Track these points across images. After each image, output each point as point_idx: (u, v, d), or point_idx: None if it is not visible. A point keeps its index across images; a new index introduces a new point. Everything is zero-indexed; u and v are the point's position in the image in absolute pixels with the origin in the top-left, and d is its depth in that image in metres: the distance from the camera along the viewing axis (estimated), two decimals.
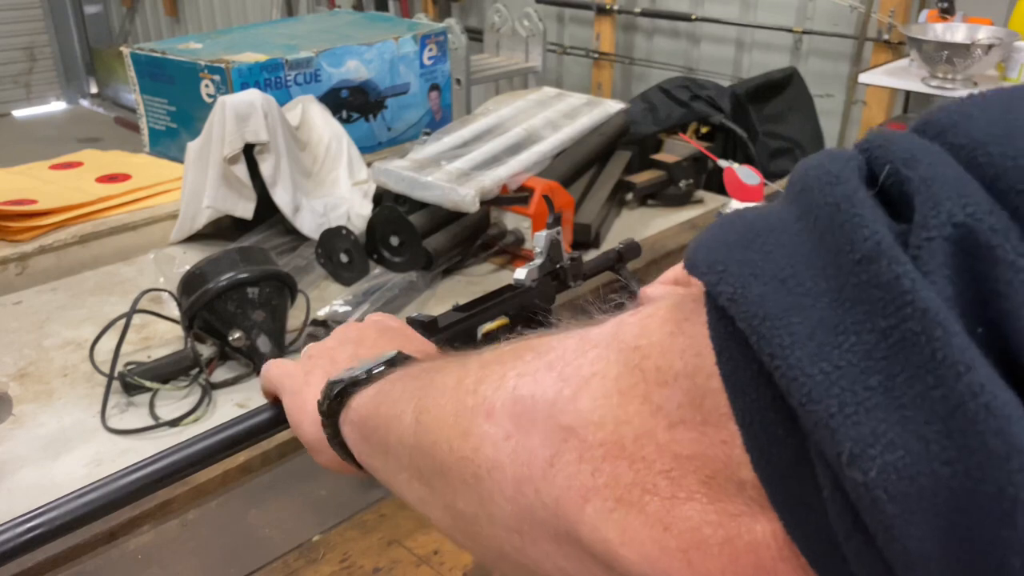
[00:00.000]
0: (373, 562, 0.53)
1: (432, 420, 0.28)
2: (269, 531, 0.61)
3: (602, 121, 1.16)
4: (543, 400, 0.23)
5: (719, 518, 0.19)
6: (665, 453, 0.20)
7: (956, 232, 0.16)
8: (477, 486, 0.25)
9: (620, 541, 0.20)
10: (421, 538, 0.55)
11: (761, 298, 0.18)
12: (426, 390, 0.30)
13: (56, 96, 4.76)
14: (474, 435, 0.25)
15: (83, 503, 0.41)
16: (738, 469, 0.19)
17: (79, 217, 1.05)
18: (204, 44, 1.29)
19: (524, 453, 0.23)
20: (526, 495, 0.23)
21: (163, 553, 0.59)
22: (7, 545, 0.39)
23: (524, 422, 0.23)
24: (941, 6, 1.79)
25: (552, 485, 0.22)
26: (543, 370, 0.24)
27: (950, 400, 0.15)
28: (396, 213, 0.94)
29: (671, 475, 0.20)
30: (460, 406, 0.26)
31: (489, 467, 0.24)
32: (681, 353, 0.20)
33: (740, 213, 0.21)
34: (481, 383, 0.26)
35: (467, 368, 0.28)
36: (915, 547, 0.15)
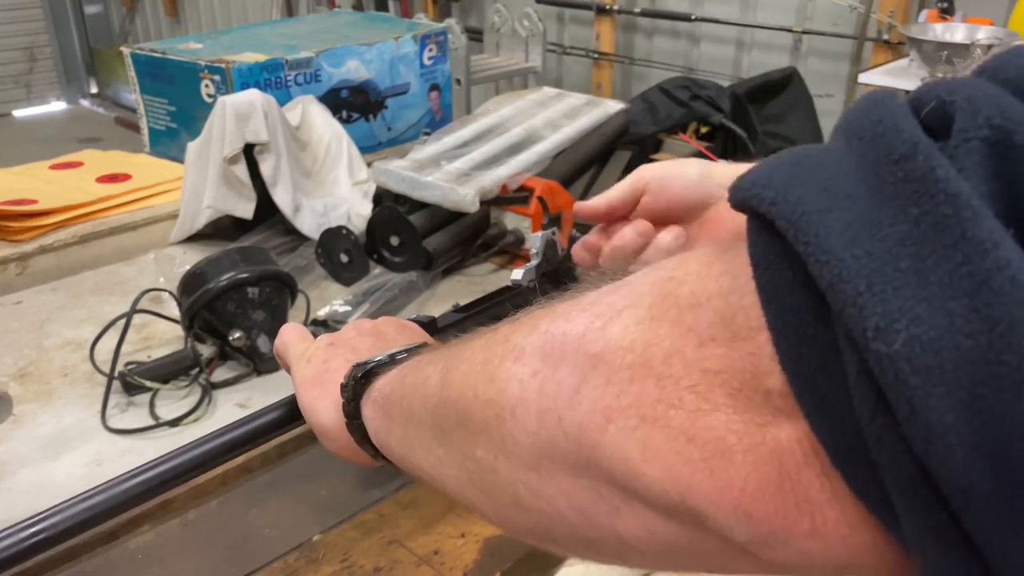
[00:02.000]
0: (373, 562, 0.53)
1: (460, 373, 0.29)
2: (269, 531, 0.61)
3: (602, 121, 1.16)
4: (573, 334, 0.23)
5: (744, 427, 0.19)
6: (693, 369, 0.20)
7: (993, 134, 0.16)
8: (499, 427, 0.25)
9: (642, 457, 0.20)
10: (422, 538, 0.55)
11: (800, 199, 0.18)
12: (456, 352, 0.30)
13: (56, 96, 4.76)
14: (501, 378, 0.25)
15: (86, 507, 0.41)
16: (765, 378, 0.19)
17: (79, 217, 1.05)
18: (204, 44, 1.29)
19: (551, 385, 0.23)
20: (548, 427, 0.23)
21: (163, 553, 0.59)
22: (10, 551, 0.39)
23: (553, 358, 0.23)
24: (941, 6, 1.79)
25: (576, 411, 0.22)
26: (576, 312, 0.24)
27: (976, 276, 0.15)
28: (396, 213, 0.94)
29: (697, 390, 0.20)
30: (489, 355, 0.27)
31: (514, 405, 0.24)
32: (717, 277, 0.20)
33: (788, 149, 0.21)
34: (513, 334, 0.26)
35: (498, 329, 0.28)
36: (936, 419, 0.15)
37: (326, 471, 0.67)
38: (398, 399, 0.35)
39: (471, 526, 0.56)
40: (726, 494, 0.19)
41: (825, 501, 0.18)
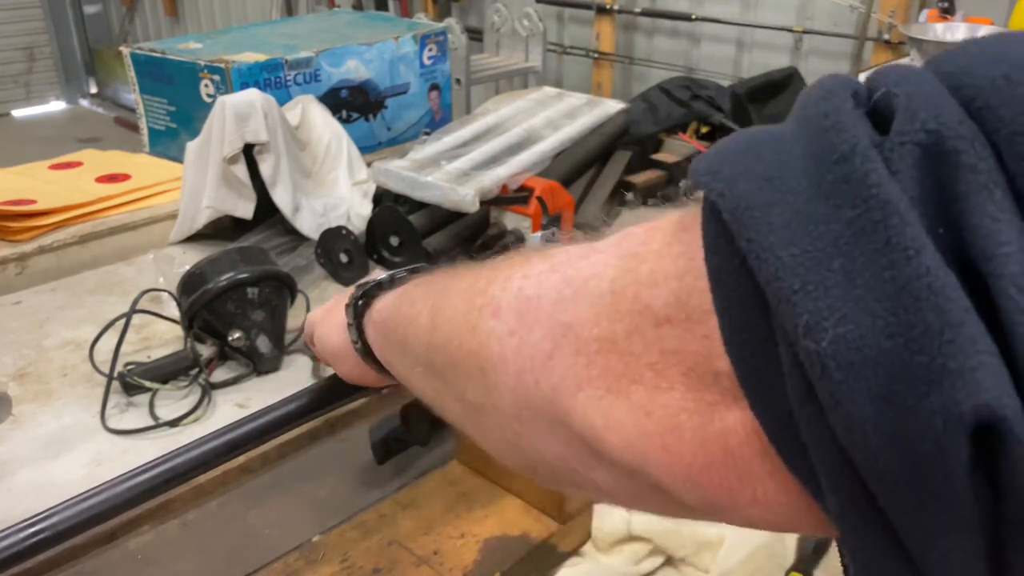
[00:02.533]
0: (373, 562, 0.53)
1: (445, 320, 0.31)
2: (269, 531, 0.61)
3: (602, 121, 1.16)
4: (546, 299, 0.25)
5: (695, 406, 0.21)
6: (652, 348, 0.21)
7: (927, 138, 0.17)
8: (483, 378, 0.27)
9: (605, 426, 0.22)
10: (421, 538, 0.55)
11: (746, 193, 0.19)
12: (442, 292, 0.33)
13: (56, 96, 4.76)
14: (481, 331, 0.27)
15: (87, 507, 0.41)
16: (715, 361, 0.20)
17: (79, 217, 1.05)
18: (204, 44, 1.29)
19: (527, 347, 0.25)
20: (526, 385, 0.25)
21: (163, 553, 0.59)
22: (10, 551, 0.39)
23: (528, 319, 0.25)
24: (941, 6, 1.79)
25: (550, 375, 0.24)
26: (547, 272, 0.25)
27: (898, 281, 0.16)
28: (396, 213, 0.94)
29: (656, 367, 0.21)
30: (470, 305, 0.28)
31: (494, 360, 0.26)
32: (675, 258, 0.22)
33: (744, 130, 0.22)
34: (490, 284, 0.28)
35: (479, 272, 0.30)
36: (856, 411, 0.17)
37: (326, 472, 0.67)
38: (394, 327, 0.37)
39: (470, 527, 0.56)
40: (677, 466, 0.21)
41: (765, 475, 0.20)
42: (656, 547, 0.58)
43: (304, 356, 0.81)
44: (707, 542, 0.58)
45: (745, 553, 0.55)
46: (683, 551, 0.58)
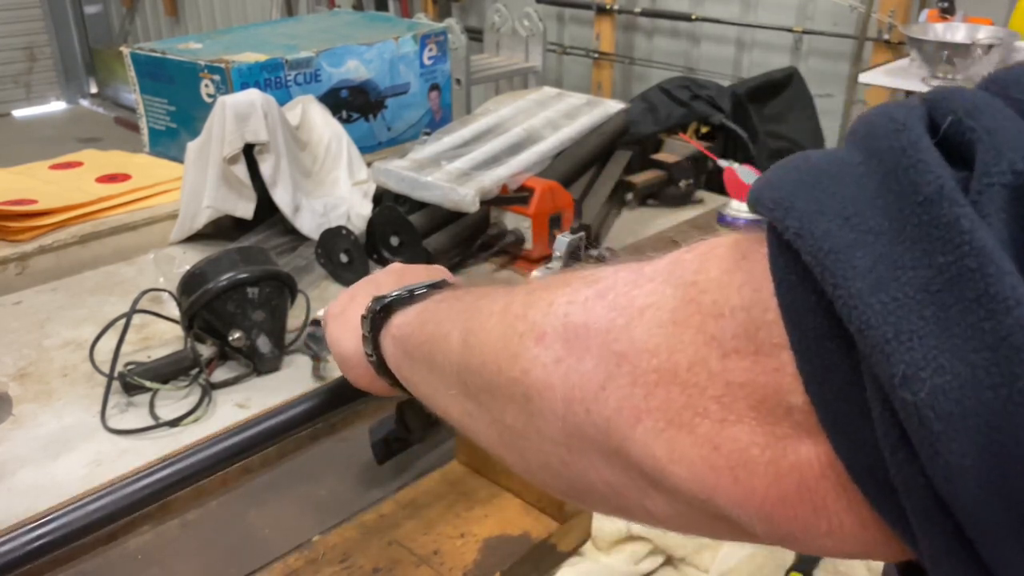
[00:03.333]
0: (373, 562, 0.53)
1: (480, 343, 0.30)
2: (269, 531, 0.61)
3: (602, 121, 1.16)
4: (596, 328, 0.24)
5: (766, 440, 0.20)
6: (717, 380, 0.21)
7: (1015, 180, 0.17)
8: (526, 404, 0.27)
9: (669, 459, 0.22)
10: (421, 538, 0.55)
11: (826, 233, 0.19)
12: (472, 313, 0.32)
13: (56, 96, 4.76)
14: (524, 358, 0.26)
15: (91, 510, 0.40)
16: (787, 395, 0.20)
17: (79, 217, 1.05)
18: (204, 44, 1.29)
19: (576, 375, 0.24)
20: (576, 414, 0.24)
21: (163, 553, 0.59)
22: (13, 554, 0.39)
23: (576, 347, 0.25)
24: (941, 6, 1.79)
25: (604, 406, 0.23)
26: (593, 299, 0.25)
27: (998, 332, 0.16)
28: (396, 213, 0.94)
29: (722, 400, 0.21)
30: (508, 330, 0.28)
31: (540, 388, 0.26)
32: (739, 288, 0.21)
33: (805, 155, 0.22)
34: (529, 308, 0.27)
35: (513, 295, 0.29)
36: (956, 461, 0.16)
37: (326, 471, 0.67)
38: (417, 344, 0.36)
39: (471, 526, 0.56)
40: (749, 500, 0.21)
41: (843, 509, 0.20)
42: (656, 547, 0.58)
43: (304, 356, 0.81)
44: (707, 542, 0.58)
45: (745, 553, 0.55)
46: (683, 551, 0.58)
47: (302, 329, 0.82)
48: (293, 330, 0.82)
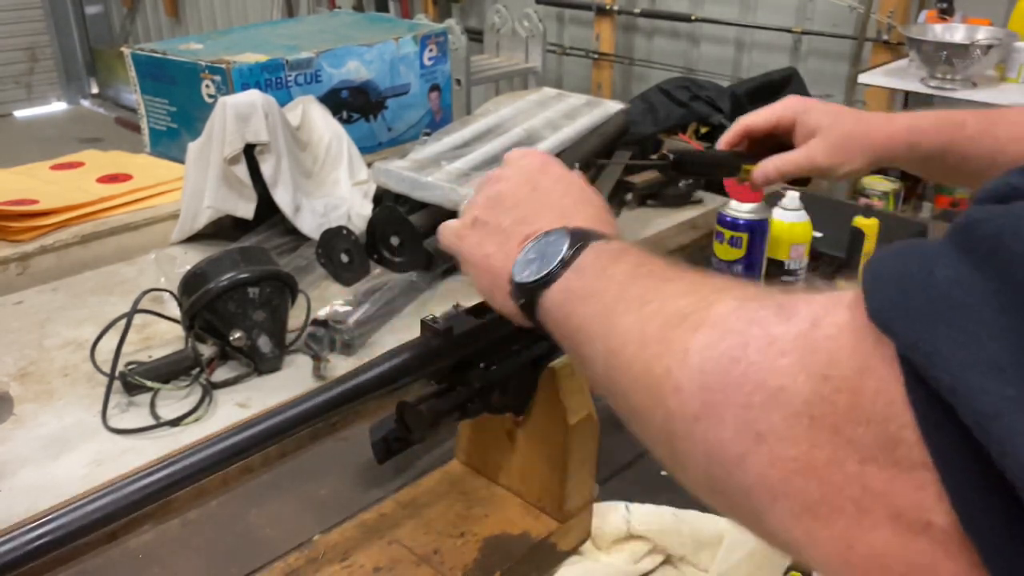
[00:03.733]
0: (374, 561, 0.53)
1: (620, 374, 0.31)
2: (270, 530, 0.61)
3: (602, 121, 1.16)
4: (734, 397, 0.25)
5: (902, 553, 0.21)
6: (854, 483, 0.22)
7: None
8: (669, 442, 0.28)
9: (806, 543, 0.23)
10: (421, 537, 0.55)
11: (983, 392, 0.19)
12: (610, 330, 0.32)
13: (57, 96, 4.76)
14: (663, 407, 0.27)
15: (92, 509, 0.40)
16: (928, 513, 0.20)
17: (80, 217, 1.05)
18: (205, 44, 1.29)
19: (715, 441, 0.25)
20: (716, 472, 0.26)
21: (164, 552, 0.59)
22: (13, 554, 0.39)
23: (714, 411, 0.25)
24: (940, 6, 1.79)
25: (744, 475, 0.24)
26: (728, 360, 0.25)
27: None
28: (396, 213, 0.94)
29: (860, 504, 0.22)
30: (646, 369, 0.29)
31: (681, 436, 0.27)
32: (873, 398, 0.22)
33: (926, 268, 0.21)
34: (666, 351, 0.28)
35: (647, 319, 0.30)
36: None
37: (326, 471, 0.68)
38: (566, 333, 0.37)
39: (471, 525, 0.56)
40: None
41: None
42: (656, 546, 0.58)
43: (305, 356, 0.81)
44: (707, 541, 0.58)
45: (744, 552, 0.55)
46: (682, 550, 0.58)
47: (303, 329, 0.83)
48: (294, 330, 0.82)
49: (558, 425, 0.54)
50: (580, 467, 0.56)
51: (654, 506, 0.59)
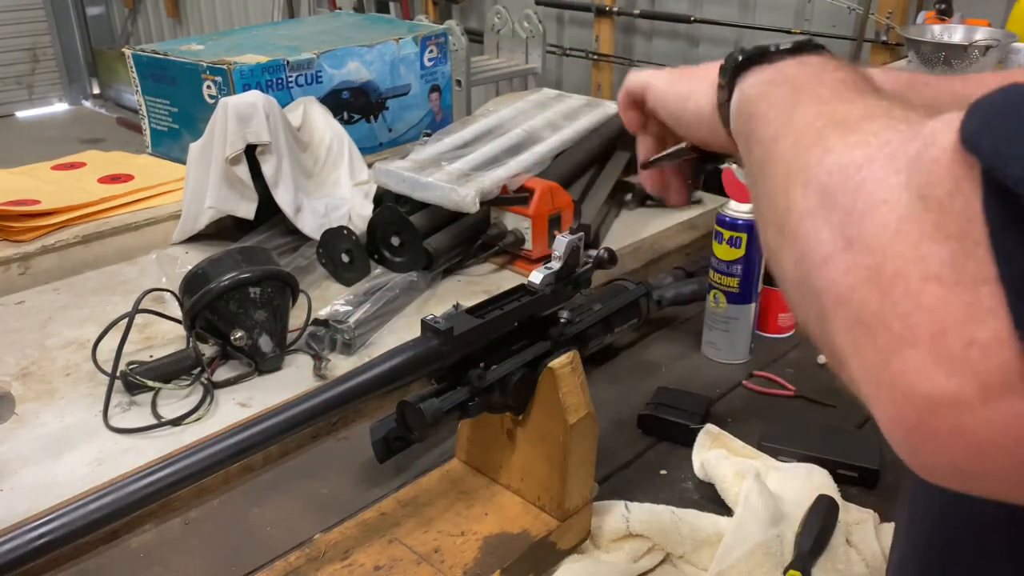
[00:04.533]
0: (374, 560, 0.54)
1: (776, 162, 0.32)
2: (271, 529, 0.61)
3: (601, 122, 1.16)
4: (843, 204, 0.26)
5: (932, 372, 0.22)
6: (910, 299, 0.23)
7: None
8: (780, 231, 0.30)
9: (850, 354, 0.25)
10: (422, 536, 0.56)
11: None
12: (786, 123, 0.34)
13: (58, 97, 4.77)
14: (791, 197, 0.29)
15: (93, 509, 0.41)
16: (973, 327, 0.21)
17: (81, 217, 1.05)
18: (206, 45, 1.30)
19: (814, 238, 0.27)
20: (800, 270, 0.28)
21: (165, 551, 0.59)
22: (16, 552, 0.39)
23: (824, 212, 0.27)
24: (939, 7, 1.80)
25: (820, 278, 0.26)
26: (855, 163, 0.27)
27: None
28: (397, 213, 0.94)
29: (907, 320, 0.23)
30: (793, 164, 0.31)
31: (790, 229, 0.29)
32: (956, 217, 0.22)
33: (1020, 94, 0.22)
34: (812, 148, 0.29)
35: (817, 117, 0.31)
36: None
37: (327, 470, 0.68)
38: (748, 116, 0.38)
39: (471, 524, 0.56)
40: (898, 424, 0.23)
41: None
42: (655, 545, 0.58)
43: (306, 355, 0.81)
44: (706, 540, 0.58)
45: (743, 551, 0.55)
46: (681, 549, 0.58)
47: (303, 329, 0.83)
48: (295, 330, 0.83)
49: (558, 424, 0.54)
50: (580, 466, 0.56)
51: (653, 505, 0.59)
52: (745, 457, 0.65)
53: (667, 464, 0.67)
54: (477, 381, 0.51)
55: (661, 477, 0.66)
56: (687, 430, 0.68)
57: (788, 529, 0.57)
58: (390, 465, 0.66)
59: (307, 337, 0.83)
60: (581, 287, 0.59)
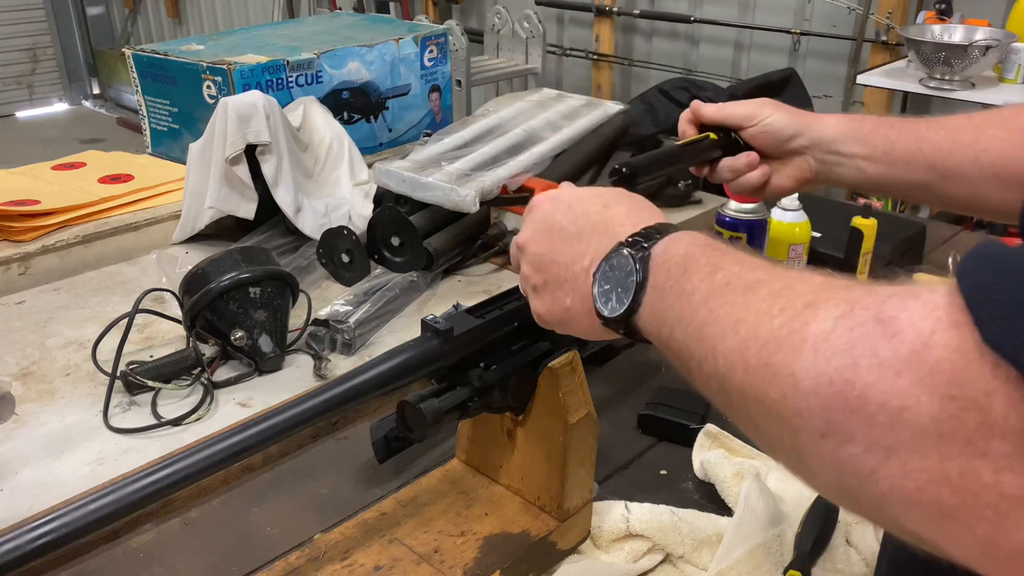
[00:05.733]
0: (374, 560, 0.54)
1: (734, 397, 0.32)
2: (271, 529, 0.61)
3: (601, 122, 1.16)
4: (858, 420, 0.26)
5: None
6: (991, 491, 0.23)
7: None
8: (796, 455, 0.29)
9: (947, 544, 0.25)
10: (421, 536, 0.56)
11: None
12: (712, 353, 0.33)
13: (59, 97, 4.77)
14: (787, 428, 0.28)
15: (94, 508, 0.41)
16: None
17: (82, 217, 1.06)
18: (206, 45, 1.30)
19: (845, 456, 0.27)
20: (850, 484, 0.27)
21: (165, 551, 0.59)
22: (16, 552, 0.39)
23: (840, 429, 0.27)
24: (939, 7, 1.80)
25: (875, 487, 0.26)
26: (840, 377, 0.26)
27: None
28: (397, 213, 0.94)
29: (998, 508, 0.23)
30: (760, 395, 0.30)
31: (809, 452, 0.28)
32: (1004, 415, 0.23)
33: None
34: (773, 377, 0.29)
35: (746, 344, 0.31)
36: None
37: (327, 470, 0.68)
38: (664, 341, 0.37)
39: (471, 524, 0.56)
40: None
41: None
42: (655, 545, 0.58)
43: (306, 355, 0.81)
44: (705, 540, 0.58)
45: (743, 551, 0.55)
46: (681, 549, 0.58)
47: (303, 329, 0.83)
48: (295, 329, 0.83)
49: (558, 424, 0.54)
50: (580, 466, 0.56)
51: (653, 505, 0.59)
52: (745, 457, 0.65)
53: (667, 464, 0.67)
54: (477, 381, 0.52)
55: (661, 477, 0.66)
56: (687, 430, 0.68)
57: (788, 529, 0.57)
58: (390, 465, 0.66)
59: (307, 337, 0.83)
60: None
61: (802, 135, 0.66)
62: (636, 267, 0.38)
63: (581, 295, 0.42)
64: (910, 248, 1.02)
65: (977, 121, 0.62)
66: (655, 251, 0.39)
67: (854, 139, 0.65)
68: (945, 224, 1.24)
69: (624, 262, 0.39)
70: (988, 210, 0.63)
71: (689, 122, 0.71)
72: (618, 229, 0.42)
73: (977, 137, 0.60)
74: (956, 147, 0.61)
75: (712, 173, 0.70)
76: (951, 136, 0.61)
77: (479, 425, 0.60)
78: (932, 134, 0.62)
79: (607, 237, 0.42)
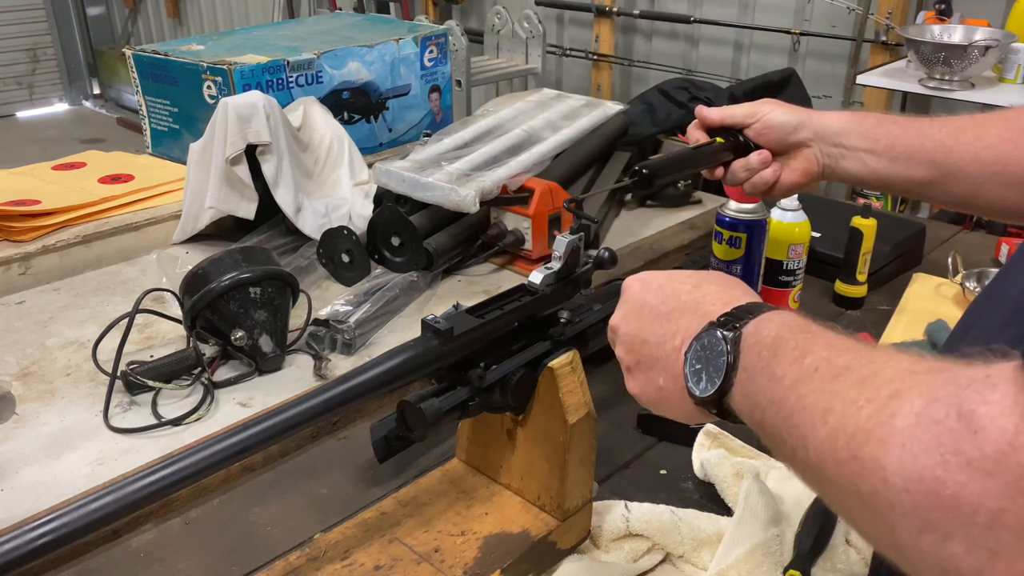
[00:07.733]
0: (374, 560, 0.54)
1: (827, 487, 0.32)
2: (271, 529, 0.61)
3: (601, 122, 1.16)
4: (955, 519, 0.26)
5: None
6: None
7: None
8: (897, 548, 0.29)
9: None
10: (422, 536, 0.56)
11: None
12: (803, 442, 0.33)
13: (59, 97, 4.77)
14: (884, 522, 0.28)
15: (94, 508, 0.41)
16: None
17: (82, 217, 1.06)
18: (206, 46, 1.30)
19: (947, 555, 0.26)
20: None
21: (165, 551, 0.59)
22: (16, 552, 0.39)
23: (938, 528, 0.27)
24: (938, 7, 1.80)
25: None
26: (930, 476, 0.26)
27: None
28: (397, 213, 0.94)
29: None
30: (852, 488, 0.29)
31: (909, 547, 0.28)
32: None
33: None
34: (863, 470, 0.29)
35: (835, 435, 0.31)
36: None
37: (327, 470, 0.68)
38: (757, 423, 0.37)
39: (471, 524, 0.57)
40: None
41: None
42: (655, 544, 0.58)
43: (306, 355, 0.81)
44: (705, 540, 0.58)
45: (743, 551, 0.55)
46: (681, 548, 0.58)
47: (304, 329, 0.83)
48: (295, 329, 0.83)
49: (558, 424, 0.54)
50: (579, 466, 0.56)
51: (653, 505, 0.59)
52: (745, 457, 0.65)
53: (667, 464, 0.68)
54: (477, 381, 0.52)
55: (661, 477, 0.66)
56: (687, 430, 0.69)
57: (788, 529, 0.57)
58: (390, 465, 0.66)
59: (307, 337, 0.83)
60: (581, 287, 0.59)
61: (804, 127, 0.67)
62: (727, 348, 0.38)
63: (673, 374, 0.42)
64: (910, 248, 1.02)
65: (980, 120, 0.62)
66: (746, 331, 0.38)
67: (857, 133, 0.66)
68: (945, 224, 1.24)
69: (715, 342, 0.39)
70: (988, 208, 0.63)
71: (697, 128, 0.72)
72: (709, 308, 0.42)
73: (979, 135, 0.60)
74: (958, 144, 0.61)
75: (726, 175, 0.71)
76: (953, 133, 0.62)
77: (479, 425, 0.60)
78: (934, 131, 0.63)
79: (698, 316, 0.41)
